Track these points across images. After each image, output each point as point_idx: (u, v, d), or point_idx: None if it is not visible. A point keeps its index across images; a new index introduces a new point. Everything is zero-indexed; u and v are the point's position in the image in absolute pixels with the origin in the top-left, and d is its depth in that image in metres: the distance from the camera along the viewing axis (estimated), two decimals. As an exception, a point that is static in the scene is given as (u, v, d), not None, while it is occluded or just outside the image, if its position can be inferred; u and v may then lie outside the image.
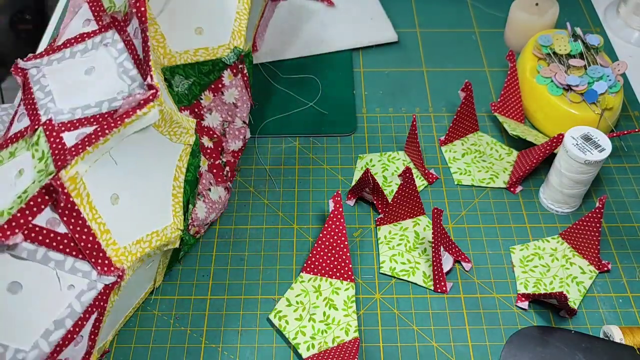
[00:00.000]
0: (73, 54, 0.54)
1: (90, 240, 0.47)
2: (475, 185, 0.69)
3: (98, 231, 0.47)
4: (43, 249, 0.45)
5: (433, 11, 0.91)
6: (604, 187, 0.69)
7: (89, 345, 0.48)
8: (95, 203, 0.47)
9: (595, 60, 0.72)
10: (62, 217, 0.45)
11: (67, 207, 0.45)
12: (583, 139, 0.60)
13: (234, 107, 0.63)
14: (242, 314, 0.59)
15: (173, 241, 0.55)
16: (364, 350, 0.56)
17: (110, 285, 0.48)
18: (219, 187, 0.63)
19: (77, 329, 0.46)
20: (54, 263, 0.46)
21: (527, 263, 0.62)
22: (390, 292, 0.60)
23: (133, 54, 0.52)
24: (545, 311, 0.59)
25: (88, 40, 0.55)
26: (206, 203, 0.61)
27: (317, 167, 0.70)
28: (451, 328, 0.58)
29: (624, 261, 0.62)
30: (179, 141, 0.55)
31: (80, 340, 0.47)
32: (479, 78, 0.81)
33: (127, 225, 0.50)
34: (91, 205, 0.47)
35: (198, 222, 0.59)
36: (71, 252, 0.46)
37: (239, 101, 0.63)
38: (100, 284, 0.47)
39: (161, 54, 0.59)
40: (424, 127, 0.75)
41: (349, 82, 0.79)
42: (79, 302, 0.46)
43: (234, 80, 0.62)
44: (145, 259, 0.52)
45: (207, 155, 0.63)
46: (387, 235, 0.64)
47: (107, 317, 0.50)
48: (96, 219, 0.47)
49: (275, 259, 0.63)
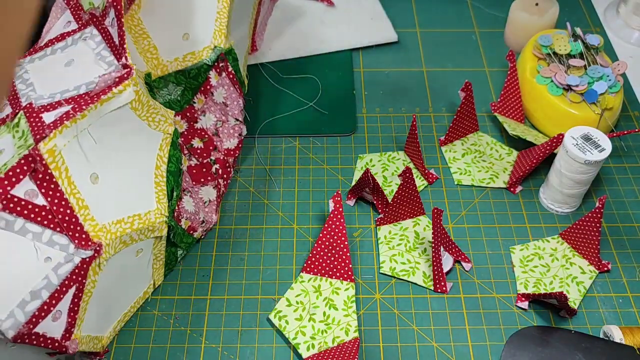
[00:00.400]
0: (54, 51, 0.56)
1: (68, 214, 0.47)
2: (475, 185, 0.69)
3: (76, 206, 0.48)
4: (21, 220, 0.46)
5: (433, 11, 0.91)
6: (604, 187, 0.69)
7: (68, 323, 0.48)
8: (74, 179, 0.48)
9: (595, 60, 0.72)
10: (40, 188, 0.46)
11: (45, 179, 0.46)
12: (583, 139, 0.60)
13: (225, 106, 0.64)
14: (242, 314, 0.59)
15: (159, 227, 0.55)
16: (364, 350, 0.56)
17: (87, 260, 0.48)
18: (207, 186, 0.63)
19: (53, 301, 0.47)
20: (31, 235, 0.46)
21: (527, 263, 0.62)
22: (390, 292, 0.60)
23: (110, 42, 0.54)
24: (545, 311, 0.59)
25: (68, 38, 0.57)
26: (193, 198, 0.62)
27: (317, 167, 0.70)
28: (451, 328, 0.58)
29: (624, 261, 0.62)
30: (157, 129, 0.56)
31: (59, 316, 0.48)
32: (479, 78, 0.81)
33: (107, 205, 0.51)
34: (70, 180, 0.48)
35: (187, 215, 0.60)
36: (49, 225, 0.47)
37: (227, 99, 0.64)
38: (78, 257, 0.48)
39: (155, 65, 0.61)
40: (424, 127, 0.75)
41: (349, 82, 0.79)
42: (55, 275, 0.47)
43: (220, 80, 0.63)
44: (129, 242, 0.52)
45: (197, 155, 0.64)
46: (387, 235, 0.64)
47: (93, 300, 0.51)
48: (75, 193, 0.48)
49: (275, 259, 0.63)
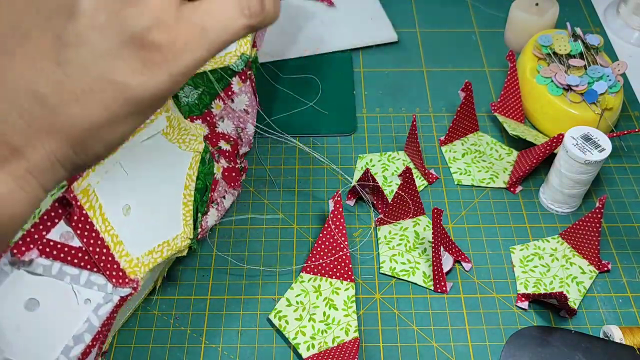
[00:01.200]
0: None
1: (104, 253, 0.46)
2: (475, 185, 0.69)
3: (111, 243, 0.47)
4: (58, 264, 0.45)
5: (433, 11, 0.91)
6: (604, 187, 0.69)
7: (97, 354, 0.49)
8: (107, 215, 0.47)
9: (595, 60, 0.72)
10: (76, 230, 0.45)
11: (81, 220, 0.45)
12: (583, 139, 0.60)
13: (245, 114, 0.64)
14: (242, 314, 0.59)
15: (182, 250, 0.55)
16: (364, 350, 0.56)
17: (125, 297, 0.48)
18: (233, 191, 0.63)
19: (95, 342, 0.46)
20: (69, 278, 0.45)
21: (527, 263, 0.62)
22: (390, 292, 0.60)
23: None
24: (545, 311, 0.59)
25: None
26: (219, 210, 0.61)
27: (317, 167, 0.70)
28: (451, 328, 0.58)
29: (624, 261, 0.62)
30: (188, 149, 0.55)
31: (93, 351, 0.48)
32: (479, 78, 0.81)
33: (139, 236, 0.50)
34: (104, 217, 0.47)
35: (206, 229, 0.59)
36: (86, 266, 0.46)
37: (249, 107, 0.64)
38: (116, 296, 0.47)
39: None
40: (424, 127, 0.75)
41: (349, 82, 0.79)
42: (96, 316, 0.46)
43: (243, 87, 0.63)
44: (156, 269, 0.52)
45: (226, 158, 0.63)
46: (387, 235, 0.64)
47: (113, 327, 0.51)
48: (109, 230, 0.47)
49: (275, 259, 0.63)
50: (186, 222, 0.55)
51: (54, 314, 0.45)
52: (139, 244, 0.50)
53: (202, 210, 0.58)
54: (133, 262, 0.49)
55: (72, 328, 0.45)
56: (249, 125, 0.64)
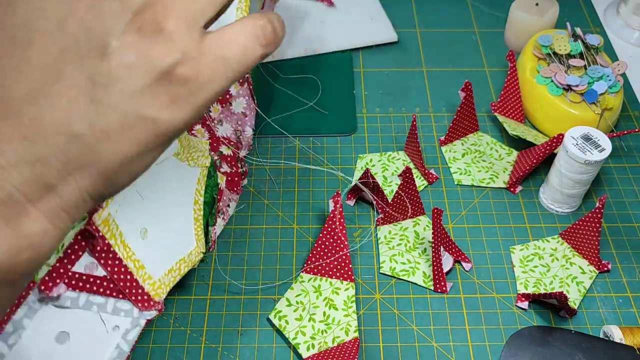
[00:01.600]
0: None
1: (129, 279, 0.47)
2: (475, 185, 0.69)
3: (134, 268, 0.48)
4: (85, 295, 0.45)
5: (433, 11, 0.91)
6: (604, 187, 0.69)
7: None
8: (128, 241, 0.48)
9: (595, 60, 0.72)
10: (100, 260, 0.46)
11: (104, 250, 0.46)
12: (583, 139, 0.60)
13: (243, 117, 0.64)
14: (242, 314, 0.59)
15: (196, 263, 0.55)
16: (364, 350, 0.56)
17: (150, 319, 0.49)
18: (235, 197, 0.64)
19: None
20: (96, 307, 0.46)
21: (527, 263, 0.62)
22: (390, 292, 0.60)
23: None
24: (545, 311, 0.59)
25: None
26: (225, 220, 0.62)
27: (317, 167, 0.70)
28: (451, 328, 0.58)
29: (624, 261, 0.62)
30: (196, 165, 0.56)
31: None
32: (479, 78, 0.81)
33: (158, 257, 0.51)
34: (125, 244, 0.47)
35: (215, 241, 0.60)
36: (111, 294, 0.47)
37: (247, 109, 0.64)
38: (143, 320, 0.48)
39: None
40: (424, 127, 0.75)
41: (349, 82, 0.79)
42: (125, 342, 0.47)
43: (241, 90, 0.63)
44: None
45: (228, 163, 0.63)
46: (387, 235, 0.64)
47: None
48: (130, 256, 0.48)
49: (275, 259, 0.63)
50: (198, 237, 0.55)
51: (85, 345, 0.46)
52: (158, 265, 0.51)
53: (211, 223, 0.58)
54: (156, 284, 0.50)
55: (103, 356, 0.46)
56: (247, 128, 0.64)
